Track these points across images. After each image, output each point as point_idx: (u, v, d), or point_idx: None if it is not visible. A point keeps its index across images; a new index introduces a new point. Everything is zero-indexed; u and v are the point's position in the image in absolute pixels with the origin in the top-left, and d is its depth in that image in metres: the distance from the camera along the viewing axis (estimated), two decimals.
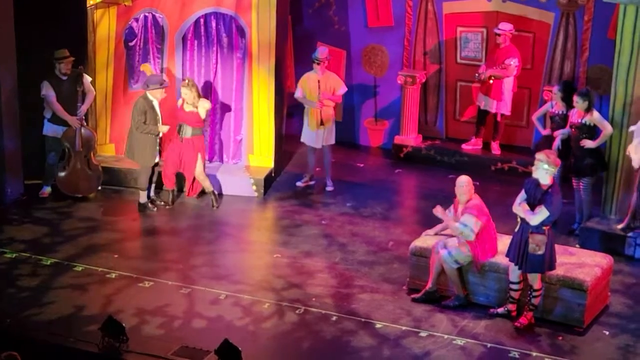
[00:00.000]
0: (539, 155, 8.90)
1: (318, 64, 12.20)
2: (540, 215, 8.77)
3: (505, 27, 12.86)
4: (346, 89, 12.49)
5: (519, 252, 8.94)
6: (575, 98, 10.73)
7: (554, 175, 8.99)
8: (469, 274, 9.39)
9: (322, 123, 12.29)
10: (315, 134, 12.38)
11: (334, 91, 12.26)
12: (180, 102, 11.85)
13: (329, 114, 12.34)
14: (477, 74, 13.09)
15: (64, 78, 11.80)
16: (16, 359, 6.93)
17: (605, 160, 10.95)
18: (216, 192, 12.01)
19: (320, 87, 12.17)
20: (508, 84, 12.99)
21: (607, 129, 10.69)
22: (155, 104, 11.54)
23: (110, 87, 12.73)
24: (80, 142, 11.86)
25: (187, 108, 11.71)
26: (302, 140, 12.58)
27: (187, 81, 11.75)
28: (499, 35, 12.85)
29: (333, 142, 12.51)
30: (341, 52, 14.14)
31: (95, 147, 12.26)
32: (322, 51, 12.31)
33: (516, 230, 9.01)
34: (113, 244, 10.80)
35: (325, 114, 12.29)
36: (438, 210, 9.44)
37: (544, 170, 8.83)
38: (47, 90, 11.76)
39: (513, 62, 12.82)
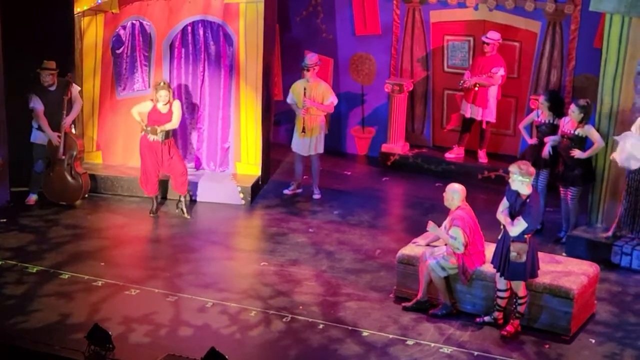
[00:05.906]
0: (512, 168, 8.90)
1: (307, 70, 12.18)
2: (518, 226, 8.81)
3: (494, 36, 12.92)
4: (336, 99, 12.36)
5: (500, 259, 8.97)
6: (572, 107, 10.72)
7: (533, 184, 9.01)
8: (456, 282, 9.39)
9: (303, 130, 12.28)
10: (301, 141, 12.38)
11: (322, 100, 12.25)
12: (150, 106, 11.64)
13: (315, 122, 12.29)
14: (461, 81, 13.13)
15: (51, 88, 11.76)
16: None
17: (594, 171, 10.98)
18: (188, 200, 11.96)
19: (306, 94, 12.16)
20: (493, 92, 13.08)
21: (599, 142, 10.65)
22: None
23: (97, 95, 12.69)
24: (63, 150, 11.82)
25: (164, 109, 11.61)
26: (292, 146, 12.56)
27: (163, 83, 11.64)
28: (487, 44, 12.90)
29: (321, 151, 12.47)
30: (329, 60, 14.14)
31: (81, 154, 12.22)
32: (311, 57, 12.27)
33: (499, 237, 9.05)
34: (99, 252, 10.77)
35: (310, 122, 12.26)
36: (430, 226, 9.44)
37: (520, 182, 8.85)
38: (35, 103, 11.71)
39: (500, 72, 12.90)
